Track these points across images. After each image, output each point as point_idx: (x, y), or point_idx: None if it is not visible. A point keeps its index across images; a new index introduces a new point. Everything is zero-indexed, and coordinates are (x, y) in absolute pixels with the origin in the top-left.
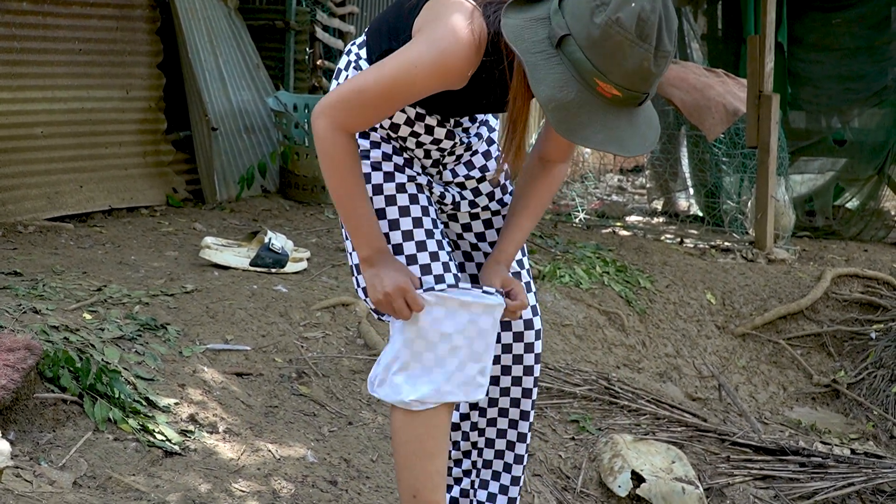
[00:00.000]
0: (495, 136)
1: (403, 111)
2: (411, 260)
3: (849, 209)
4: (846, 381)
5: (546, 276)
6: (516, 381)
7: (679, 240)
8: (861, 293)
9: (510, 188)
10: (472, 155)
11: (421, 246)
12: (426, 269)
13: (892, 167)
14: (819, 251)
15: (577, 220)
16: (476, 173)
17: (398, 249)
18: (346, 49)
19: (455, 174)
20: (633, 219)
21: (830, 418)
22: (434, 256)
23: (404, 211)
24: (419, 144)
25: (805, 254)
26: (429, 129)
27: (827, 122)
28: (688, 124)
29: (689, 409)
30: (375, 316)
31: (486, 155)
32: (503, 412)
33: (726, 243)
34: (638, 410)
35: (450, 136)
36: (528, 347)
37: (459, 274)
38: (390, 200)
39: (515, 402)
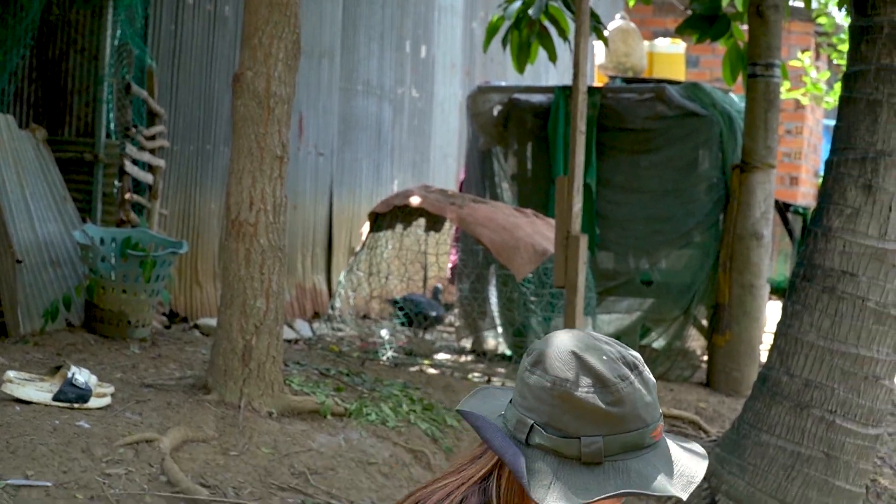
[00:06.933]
0: None
1: None
2: None
3: (655, 349)
4: None
5: (352, 413)
6: None
7: (487, 378)
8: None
9: None
10: None
11: None
12: None
13: (697, 308)
14: None
15: (384, 359)
16: None
17: None
18: None
19: None
20: (441, 357)
21: None
22: None
23: None
24: None
25: None
26: None
27: (635, 263)
28: (496, 263)
29: None
30: None
31: None
32: None
33: None
34: None
35: None
36: None
37: None
38: None
39: None
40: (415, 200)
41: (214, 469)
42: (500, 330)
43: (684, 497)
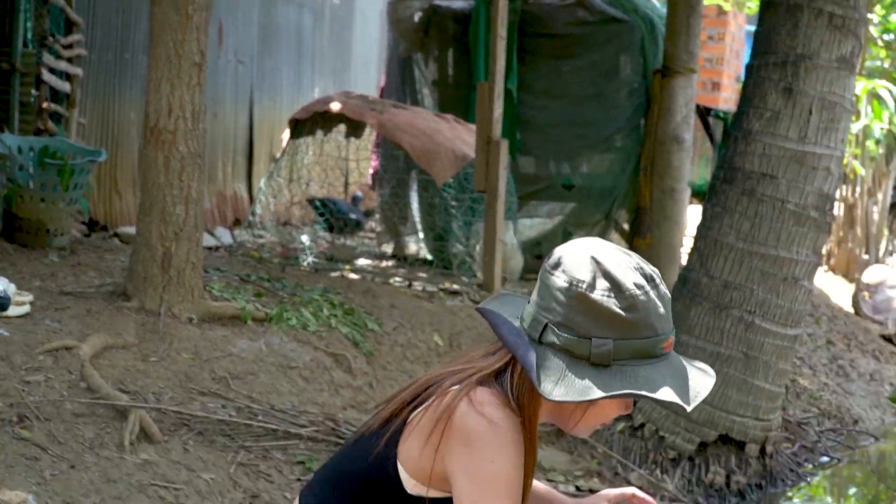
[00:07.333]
0: None
1: None
2: None
3: None
4: None
5: (273, 319)
6: None
7: (408, 283)
8: None
9: None
10: None
11: None
12: None
13: (618, 212)
14: None
15: (305, 264)
16: None
17: None
18: None
19: None
20: (362, 262)
21: (556, 456)
22: None
23: None
24: None
25: None
26: None
27: (556, 168)
28: (417, 169)
29: None
30: None
31: None
32: None
33: (455, 286)
34: None
35: None
36: None
37: None
38: None
39: None
40: (335, 106)
41: (134, 375)
42: (421, 235)
43: (688, 408)
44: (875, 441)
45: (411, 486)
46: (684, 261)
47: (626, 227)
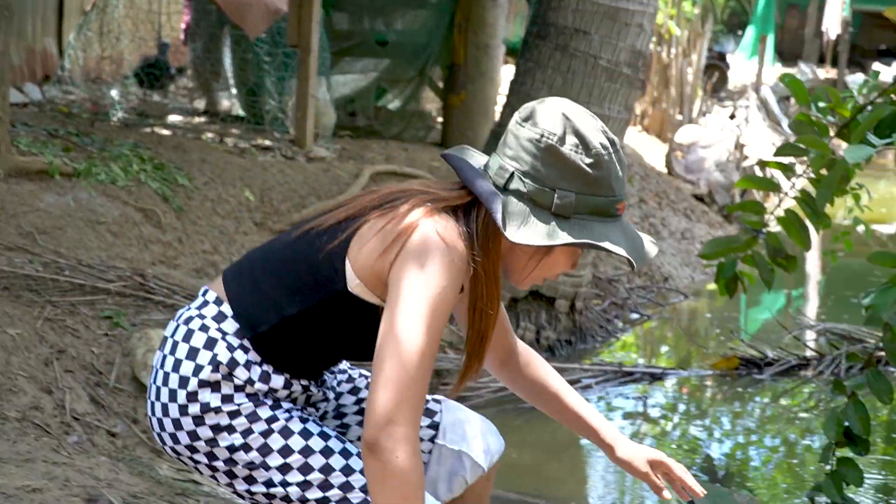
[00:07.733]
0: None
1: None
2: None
3: (391, 110)
4: None
5: (81, 173)
6: None
7: (220, 139)
8: None
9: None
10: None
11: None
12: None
13: (433, 68)
14: (360, 150)
15: (115, 119)
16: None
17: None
18: (184, 322)
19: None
20: (173, 118)
21: None
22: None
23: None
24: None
25: (345, 153)
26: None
27: (370, 24)
28: (230, 23)
29: None
30: None
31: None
32: None
33: (267, 142)
34: (174, 306)
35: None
36: None
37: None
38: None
39: None
40: None
41: None
42: (233, 91)
43: (637, 265)
44: (685, 298)
45: (354, 284)
46: (498, 117)
47: (440, 83)
